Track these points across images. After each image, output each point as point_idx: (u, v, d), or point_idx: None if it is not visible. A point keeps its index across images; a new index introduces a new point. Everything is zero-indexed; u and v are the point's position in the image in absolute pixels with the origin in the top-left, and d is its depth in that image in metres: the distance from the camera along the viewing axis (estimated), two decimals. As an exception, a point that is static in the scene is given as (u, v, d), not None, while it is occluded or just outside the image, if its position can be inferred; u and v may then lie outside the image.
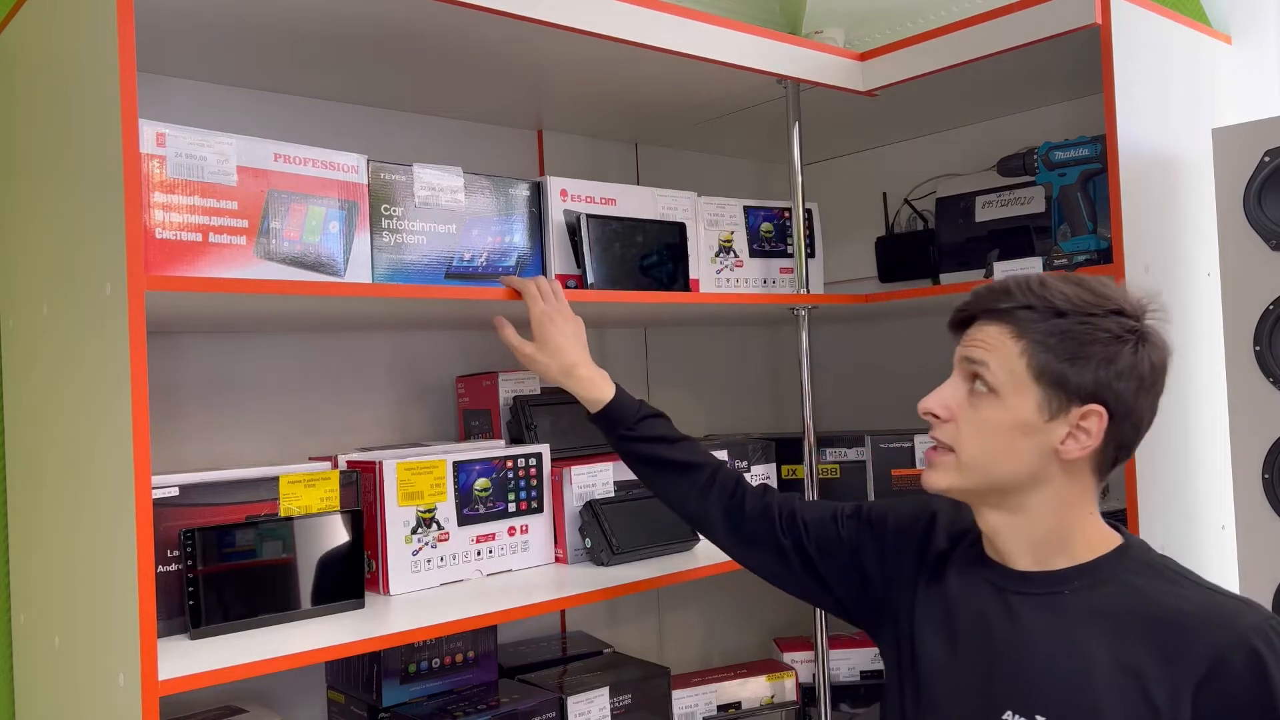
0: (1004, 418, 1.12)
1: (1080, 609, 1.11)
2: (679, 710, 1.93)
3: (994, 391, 1.12)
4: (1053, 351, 1.10)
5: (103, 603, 1.21)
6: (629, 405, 1.47)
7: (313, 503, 1.47)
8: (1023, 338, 1.11)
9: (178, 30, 1.48)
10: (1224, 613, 1.05)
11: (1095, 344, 1.09)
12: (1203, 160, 1.72)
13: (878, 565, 1.31)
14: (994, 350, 1.12)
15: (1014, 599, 1.16)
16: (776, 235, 2.01)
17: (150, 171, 1.24)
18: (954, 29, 1.79)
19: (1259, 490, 1.54)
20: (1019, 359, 1.11)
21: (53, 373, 1.35)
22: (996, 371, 1.12)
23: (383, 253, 1.48)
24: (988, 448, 1.13)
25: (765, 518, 1.39)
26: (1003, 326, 1.13)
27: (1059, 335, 1.10)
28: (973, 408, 1.14)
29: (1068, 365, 1.09)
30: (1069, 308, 1.10)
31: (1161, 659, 1.04)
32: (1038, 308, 1.11)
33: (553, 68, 1.74)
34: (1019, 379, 1.11)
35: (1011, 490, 1.14)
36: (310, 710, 1.76)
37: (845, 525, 1.35)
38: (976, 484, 1.15)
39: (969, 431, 1.14)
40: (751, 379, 2.53)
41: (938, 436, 1.17)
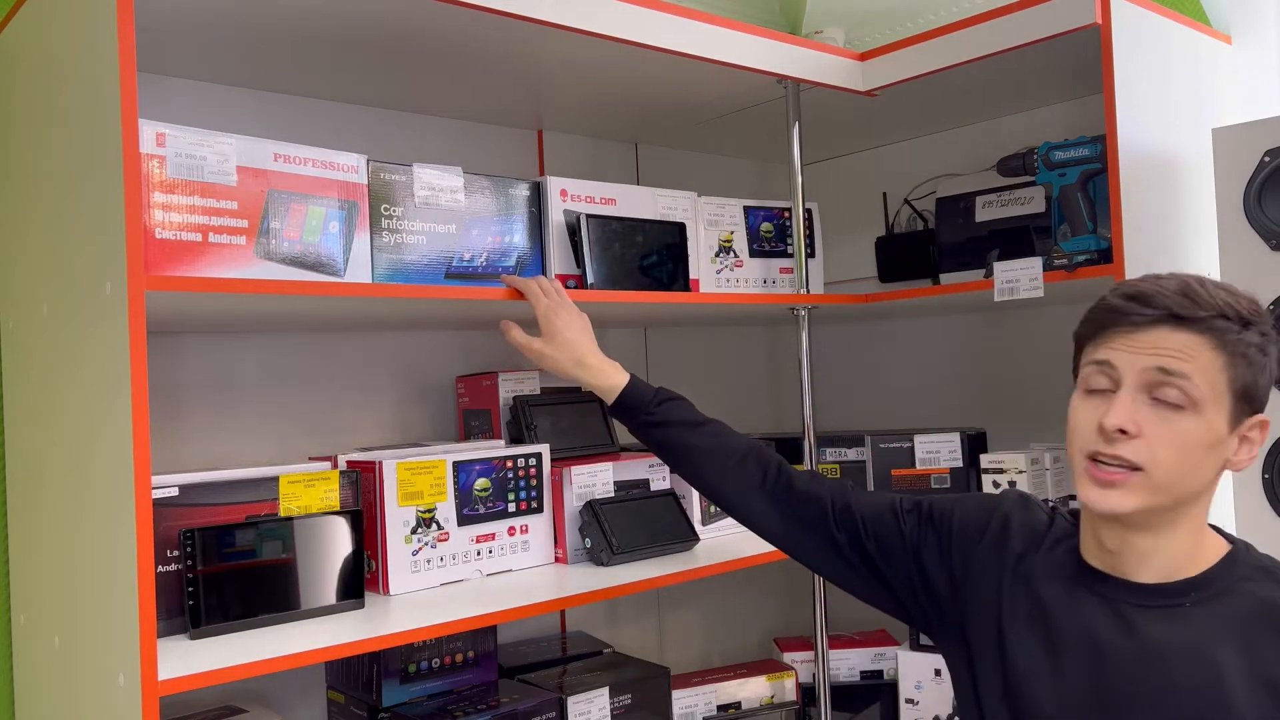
0: (1204, 433, 1.06)
1: (1203, 620, 1.08)
2: (679, 710, 1.93)
3: (1194, 405, 1.06)
4: (1250, 364, 1.07)
5: (103, 603, 1.21)
6: (645, 390, 1.45)
7: (313, 503, 1.47)
8: (1223, 350, 1.06)
9: (178, 30, 1.48)
10: None
11: (1268, 355, 1.09)
12: (1203, 160, 1.72)
13: (940, 566, 1.26)
14: (1194, 361, 1.06)
15: (1130, 612, 1.11)
16: (776, 235, 2.01)
17: (150, 171, 1.24)
18: (954, 29, 1.79)
19: (1259, 490, 1.54)
20: (1222, 373, 1.06)
21: (53, 373, 1.35)
22: (1200, 384, 1.06)
23: (383, 253, 1.48)
24: (1184, 463, 1.07)
25: (817, 506, 1.34)
26: (1199, 336, 1.07)
27: (1252, 348, 1.07)
28: (1164, 422, 1.06)
29: (1260, 379, 1.08)
30: (1252, 318, 1.08)
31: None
32: (1231, 317, 1.07)
33: (553, 68, 1.75)
34: (1219, 392, 1.06)
35: (1180, 506, 1.09)
36: (310, 710, 1.76)
37: (906, 520, 1.30)
38: (1164, 503, 1.08)
39: (1165, 448, 1.06)
40: (751, 379, 2.53)
41: (1123, 454, 1.07)
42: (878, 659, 2.09)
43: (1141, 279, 1.14)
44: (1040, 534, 1.22)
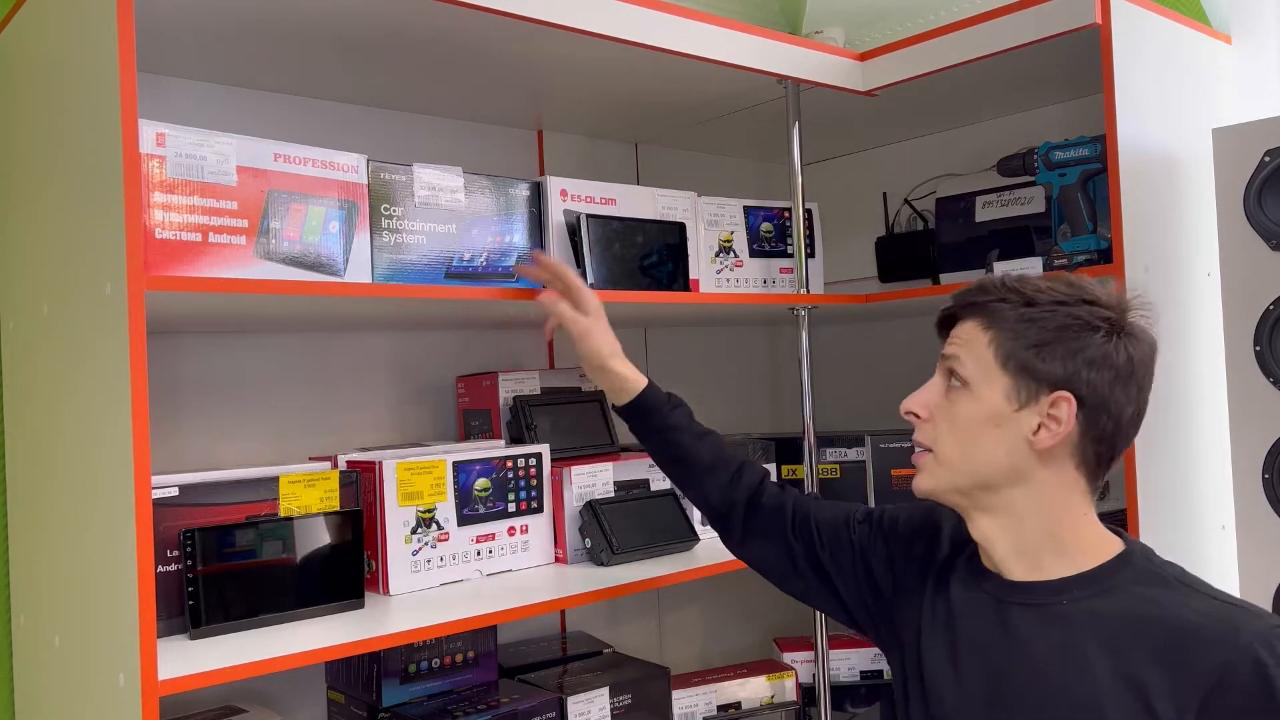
0: (975, 409, 1.12)
1: (1079, 619, 1.08)
2: (679, 710, 1.93)
3: (966, 384, 1.12)
4: (1020, 338, 1.10)
5: (103, 603, 1.21)
6: (661, 397, 1.47)
7: (313, 503, 1.47)
8: (992, 327, 1.11)
9: (178, 30, 1.48)
10: (1229, 622, 1.02)
11: (1064, 330, 1.09)
12: (1203, 160, 1.72)
13: (887, 572, 1.29)
14: (966, 344, 1.13)
15: (1010, 610, 1.13)
16: (776, 235, 2.01)
17: (150, 171, 1.24)
18: (954, 29, 1.79)
19: (1259, 490, 1.54)
20: (987, 349, 1.11)
21: (53, 372, 1.35)
22: (967, 363, 1.12)
23: (383, 253, 1.48)
24: (962, 442, 1.12)
25: (779, 516, 1.38)
26: (976, 320, 1.13)
27: (1027, 322, 1.10)
28: (949, 404, 1.14)
29: (1035, 352, 1.09)
30: (1041, 297, 1.10)
31: (1165, 671, 1.02)
32: (1010, 299, 1.11)
33: (553, 68, 1.75)
34: (988, 368, 1.11)
35: (993, 487, 1.13)
36: (310, 710, 1.76)
37: (857, 530, 1.34)
38: (957, 483, 1.14)
39: (944, 428, 1.14)
40: (751, 379, 2.53)
41: (918, 438, 1.17)
42: (878, 659, 2.09)
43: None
44: (966, 539, 1.23)
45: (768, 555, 1.40)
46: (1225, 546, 1.73)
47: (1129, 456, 1.58)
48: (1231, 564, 1.65)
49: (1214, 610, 1.04)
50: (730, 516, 1.42)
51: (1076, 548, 1.12)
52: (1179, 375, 1.70)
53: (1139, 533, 1.57)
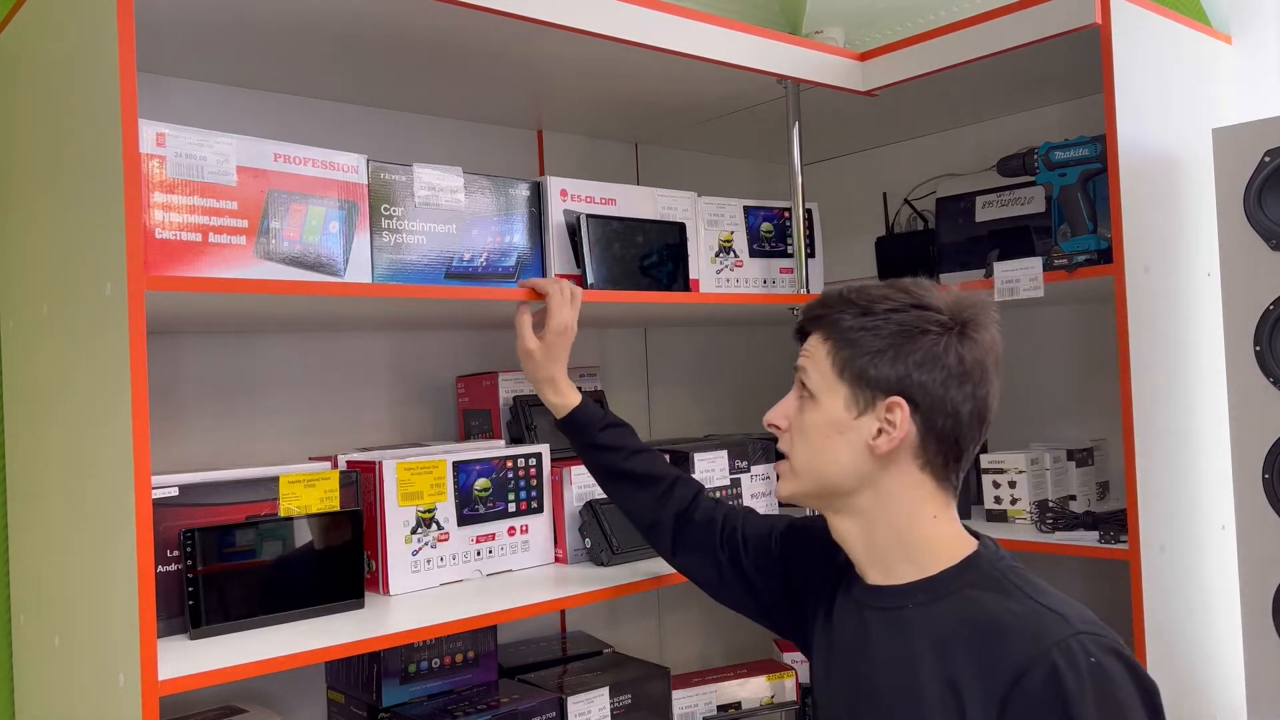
0: (819, 418, 1.16)
1: (918, 624, 1.11)
2: (679, 710, 1.93)
3: (813, 395, 1.17)
4: (854, 347, 1.13)
5: (102, 603, 1.21)
6: (594, 414, 1.52)
7: (313, 503, 1.47)
8: (830, 338, 1.16)
9: (178, 30, 1.48)
10: (1036, 625, 1.03)
11: (895, 337, 1.12)
12: (1203, 160, 1.72)
13: (801, 579, 1.33)
14: (811, 356, 1.18)
15: (867, 614, 1.17)
16: (776, 235, 2.01)
17: (150, 171, 1.24)
18: (954, 29, 1.79)
19: (1259, 490, 1.54)
20: (826, 359, 1.16)
21: (53, 373, 1.34)
22: (812, 375, 1.17)
23: (383, 253, 1.48)
24: (811, 450, 1.17)
25: (709, 529, 1.43)
26: (819, 332, 1.17)
27: (861, 331, 1.13)
28: (799, 414, 1.19)
29: (869, 359, 1.12)
30: (876, 306, 1.14)
31: (978, 673, 1.04)
32: (848, 310, 1.15)
33: (553, 68, 1.74)
34: (828, 378, 1.15)
35: (842, 492, 1.16)
36: (310, 710, 1.76)
37: (778, 541, 1.37)
38: (810, 488, 1.18)
39: (797, 438, 1.19)
40: (751, 379, 2.53)
41: (779, 447, 1.22)
42: (878, 659, 2.09)
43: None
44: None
45: (698, 566, 1.44)
46: (1225, 546, 1.73)
47: (1129, 456, 1.59)
48: (1231, 564, 1.65)
49: (1027, 612, 1.05)
50: (658, 530, 1.47)
51: (924, 551, 1.14)
52: (1179, 375, 1.70)
53: (1139, 532, 1.57)
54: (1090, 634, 1.02)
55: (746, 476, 1.99)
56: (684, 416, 2.39)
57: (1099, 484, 2.04)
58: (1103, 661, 0.99)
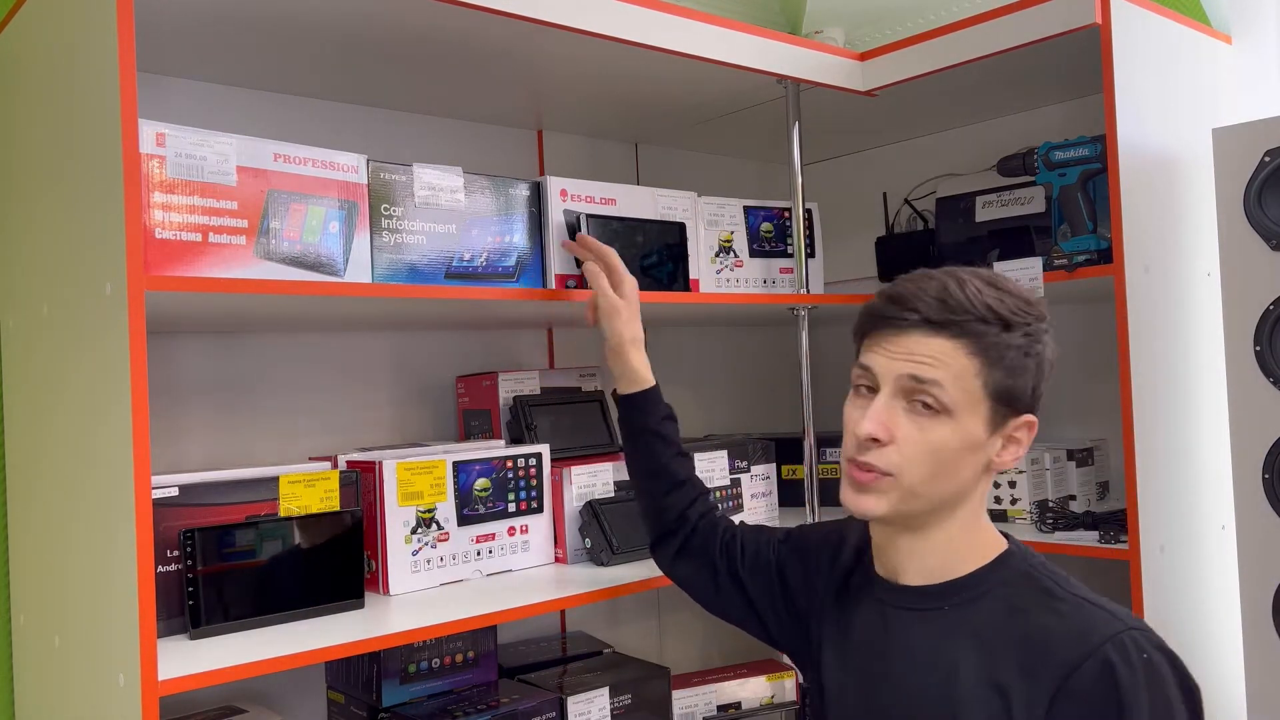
0: (954, 438, 1.06)
1: (954, 624, 1.09)
2: (679, 710, 1.93)
3: (946, 411, 1.05)
4: (1005, 368, 1.06)
5: (102, 603, 1.21)
6: (661, 403, 1.48)
7: (313, 503, 1.47)
8: (977, 354, 1.05)
9: (178, 30, 1.48)
10: (1084, 622, 1.02)
11: (1034, 355, 1.08)
12: (1203, 160, 1.72)
13: (801, 589, 1.30)
14: (946, 367, 1.05)
15: (894, 613, 1.14)
16: (776, 235, 2.01)
17: (150, 171, 1.24)
18: (954, 29, 1.79)
19: (1259, 490, 1.54)
20: (976, 377, 1.05)
21: (52, 373, 1.34)
22: (951, 391, 1.05)
23: (382, 253, 1.48)
24: (935, 469, 1.07)
25: (710, 538, 1.40)
26: (953, 341, 1.05)
27: (1009, 349, 1.06)
28: (918, 429, 1.06)
29: (1016, 380, 1.06)
30: (1013, 319, 1.06)
31: (1023, 674, 1.02)
32: (989, 320, 1.06)
33: (553, 68, 1.74)
34: (973, 397, 1.06)
35: (942, 508, 1.10)
36: (310, 710, 1.76)
37: (776, 550, 1.35)
38: (915, 508, 1.09)
39: (915, 455, 1.06)
40: (751, 379, 2.53)
41: (874, 462, 1.07)
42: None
43: (908, 278, 1.11)
44: (864, 547, 1.23)
45: (695, 574, 1.41)
46: (1225, 546, 1.73)
47: (1129, 456, 1.59)
48: (1231, 564, 1.65)
49: (1072, 611, 1.04)
50: (677, 532, 1.43)
51: (968, 554, 1.12)
52: (1179, 375, 1.70)
53: (1139, 532, 1.57)
54: (1141, 630, 1.01)
55: (746, 476, 1.99)
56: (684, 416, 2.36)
57: (1099, 484, 2.04)
58: (1154, 659, 0.99)
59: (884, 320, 1.09)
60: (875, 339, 1.10)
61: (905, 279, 1.11)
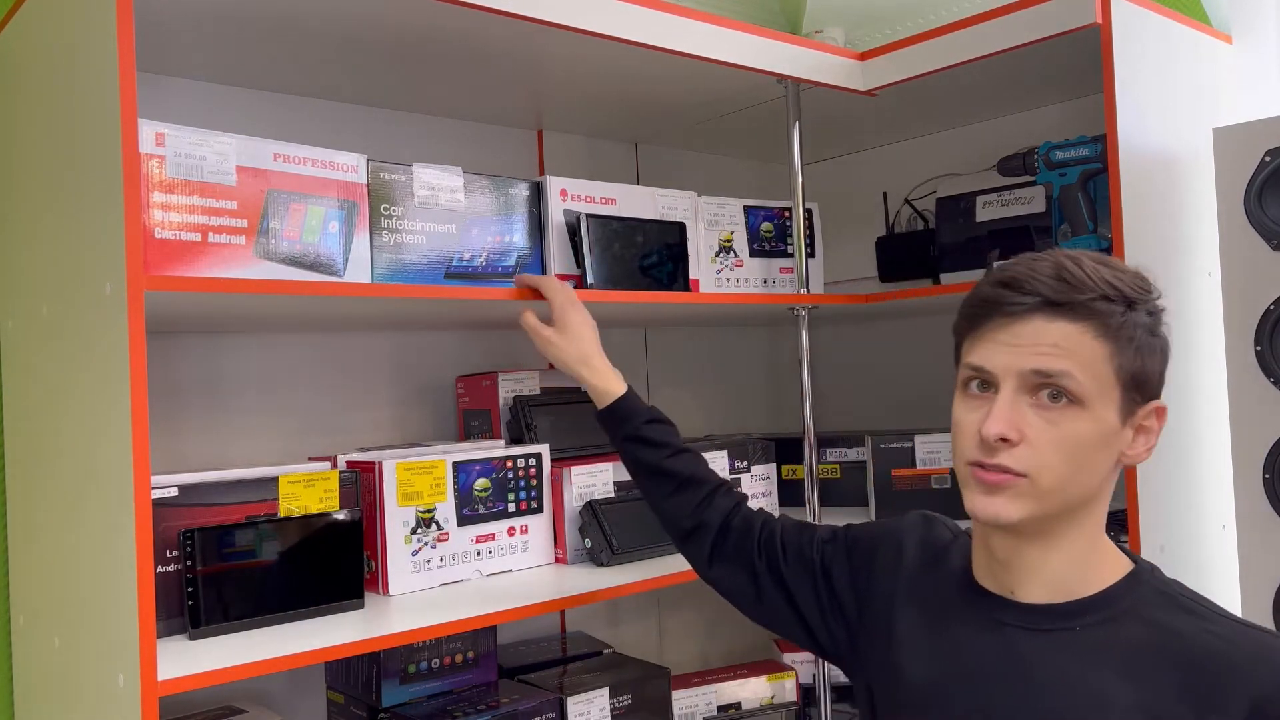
0: (1091, 430, 0.97)
1: (1094, 647, 0.99)
2: (679, 710, 1.93)
3: (1079, 402, 0.96)
4: (1135, 350, 0.97)
5: (102, 603, 1.21)
6: (639, 406, 1.41)
7: (312, 503, 1.47)
8: (1106, 336, 0.96)
9: (178, 30, 1.48)
10: (1262, 649, 0.94)
11: (1158, 336, 1.00)
12: (1203, 160, 1.72)
13: (850, 591, 1.21)
14: (1074, 355, 0.96)
15: (1016, 635, 1.03)
16: (776, 235, 2.01)
17: (150, 171, 1.24)
18: (954, 29, 1.79)
19: (1259, 490, 1.54)
20: (1107, 363, 0.96)
21: (52, 373, 1.34)
22: (1083, 380, 0.96)
23: (382, 253, 1.48)
24: (1074, 466, 0.97)
25: (747, 536, 1.31)
26: (1078, 324, 0.97)
27: (1137, 329, 0.97)
28: (1049, 423, 0.97)
29: (1145, 362, 0.98)
30: (1137, 296, 0.98)
31: (1192, 702, 0.93)
32: (1114, 298, 0.97)
33: (553, 68, 1.74)
34: (1106, 385, 0.97)
35: (1073, 512, 1.00)
36: (310, 710, 1.76)
37: (821, 549, 1.26)
38: (1051, 509, 0.99)
39: (1052, 452, 0.97)
40: (751, 379, 2.53)
41: (1008, 463, 0.98)
42: (878, 659, 2.09)
43: (1016, 261, 1.03)
44: (938, 552, 1.16)
45: (734, 578, 1.31)
46: (1225, 546, 1.73)
47: (1129, 456, 1.58)
48: (1231, 564, 1.65)
49: (1241, 636, 0.96)
50: (697, 537, 1.34)
51: (1100, 564, 1.03)
52: (1179, 375, 1.70)
53: (1140, 531, 1.57)
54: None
55: (746, 476, 1.99)
56: (684, 416, 2.38)
57: (1099, 484, 2.03)
58: None
59: (997, 306, 1.00)
60: (986, 331, 1.01)
61: (1012, 263, 1.03)
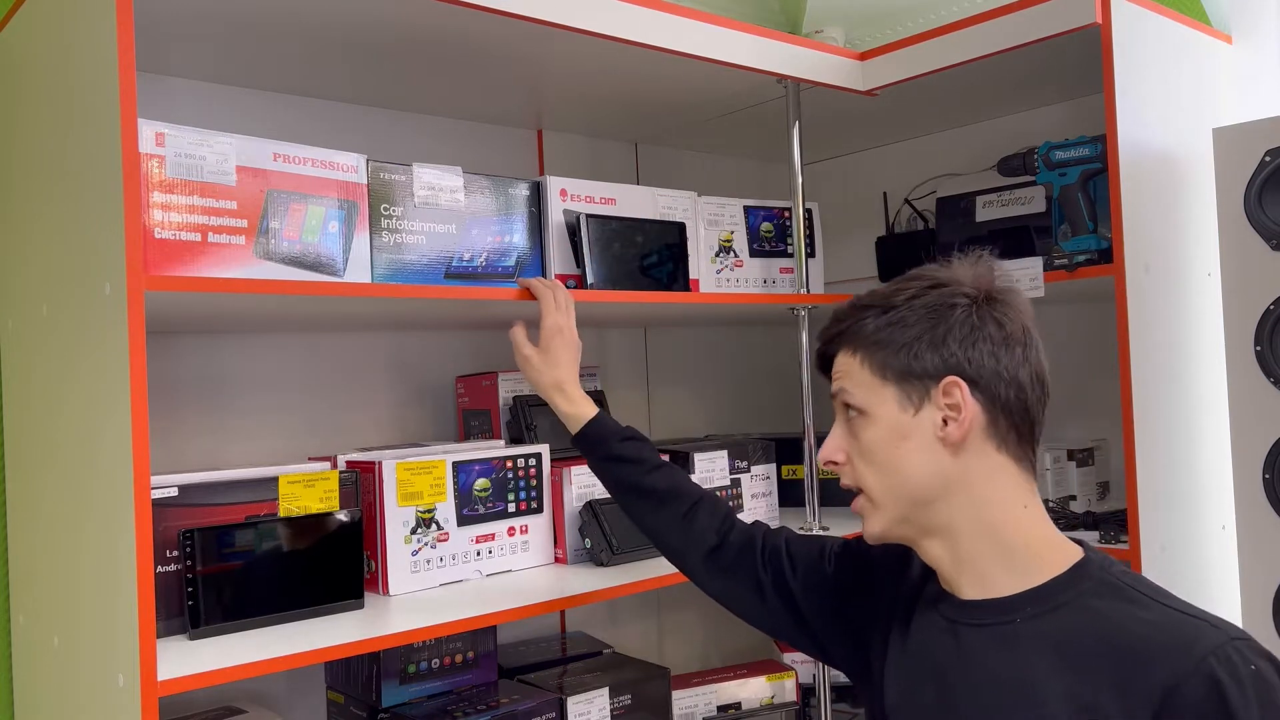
0: (879, 432, 1.08)
1: (1032, 639, 1.01)
2: (679, 710, 1.93)
3: (862, 411, 1.09)
4: (888, 346, 1.07)
5: (102, 603, 1.21)
6: (612, 426, 1.44)
7: (312, 503, 1.47)
8: (860, 348, 1.09)
9: (178, 30, 1.48)
10: (1183, 635, 0.95)
11: (924, 321, 1.06)
12: (1203, 160, 1.72)
13: (860, 603, 1.23)
14: (846, 373, 1.11)
15: (963, 631, 1.07)
16: (776, 235, 2.01)
17: (150, 171, 1.24)
18: (954, 29, 1.79)
19: (1259, 490, 1.54)
20: (862, 368, 1.09)
21: (53, 373, 1.34)
22: (853, 391, 1.10)
23: (382, 253, 1.48)
24: (882, 469, 1.08)
25: (748, 550, 1.33)
26: (845, 348, 1.11)
27: (889, 328, 1.07)
28: (853, 437, 1.11)
29: (906, 352, 1.06)
30: (893, 300, 1.09)
31: (1117, 691, 0.95)
32: (867, 315, 1.10)
33: (553, 68, 1.74)
34: (871, 386, 1.08)
35: (929, 502, 1.07)
36: (310, 710, 1.76)
37: (832, 562, 1.28)
38: (897, 513, 1.08)
39: (862, 462, 1.10)
40: (751, 379, 2.53)
41: (845, 483, 1.12)
42: (878, 659, 2.09)
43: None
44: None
45: (738, 591, 1.34)
46: (1225, 546, 1.73)
47: (1129, 456, 1.58)
48: (1231, 564, 1.65)
49: (1166, 621, 0.97)
50: (689, 556, 1.37)
51: (1025, 554, 1.05)
52: (1179, 375, 1.70)
53: (1139, 532, 1.57)
54: (1243, 639, 0.95)
55: (746, 476, 1.99)
56: (684, 416, 2.39)
57: (1099, 484, 2.04)
58: (1260, 668, 0.93)
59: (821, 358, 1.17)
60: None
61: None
